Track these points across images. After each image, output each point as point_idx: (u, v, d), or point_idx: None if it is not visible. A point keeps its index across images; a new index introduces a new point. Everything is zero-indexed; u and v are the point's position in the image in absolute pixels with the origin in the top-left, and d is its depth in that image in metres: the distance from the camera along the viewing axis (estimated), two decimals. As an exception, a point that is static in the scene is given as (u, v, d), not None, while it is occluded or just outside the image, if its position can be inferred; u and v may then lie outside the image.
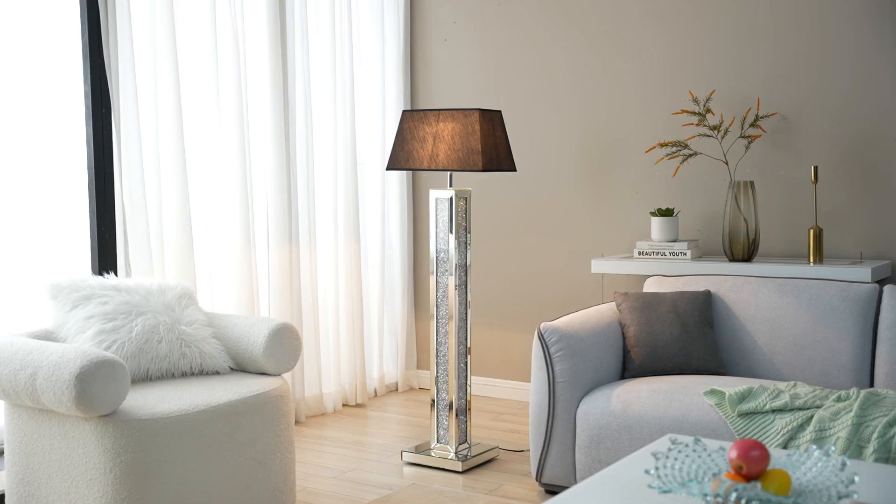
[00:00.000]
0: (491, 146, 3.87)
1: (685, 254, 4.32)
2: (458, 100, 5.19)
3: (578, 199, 4.88)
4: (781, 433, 3.11)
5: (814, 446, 2.05)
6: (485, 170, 3.80)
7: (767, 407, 3.19)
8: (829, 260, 4.16)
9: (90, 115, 3.83)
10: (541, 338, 3.58)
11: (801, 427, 3.12)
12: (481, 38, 5.14)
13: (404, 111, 4.01)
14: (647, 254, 4.40)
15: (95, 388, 2.81)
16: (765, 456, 1.95)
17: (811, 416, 3.13)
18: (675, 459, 2.06)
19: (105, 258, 3.88)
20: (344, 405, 5.00)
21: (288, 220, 4.55)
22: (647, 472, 2.00)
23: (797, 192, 4.31)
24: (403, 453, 4.08)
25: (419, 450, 4.09)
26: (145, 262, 3.93)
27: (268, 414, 3.23)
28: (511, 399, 5.10)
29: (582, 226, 4.88)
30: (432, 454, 4.03)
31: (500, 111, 4.01)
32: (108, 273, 3.77)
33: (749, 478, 1.95)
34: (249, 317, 3.56)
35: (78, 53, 3.86)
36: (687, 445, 2.09)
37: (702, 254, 4.51)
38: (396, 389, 5.38)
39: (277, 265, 4.54)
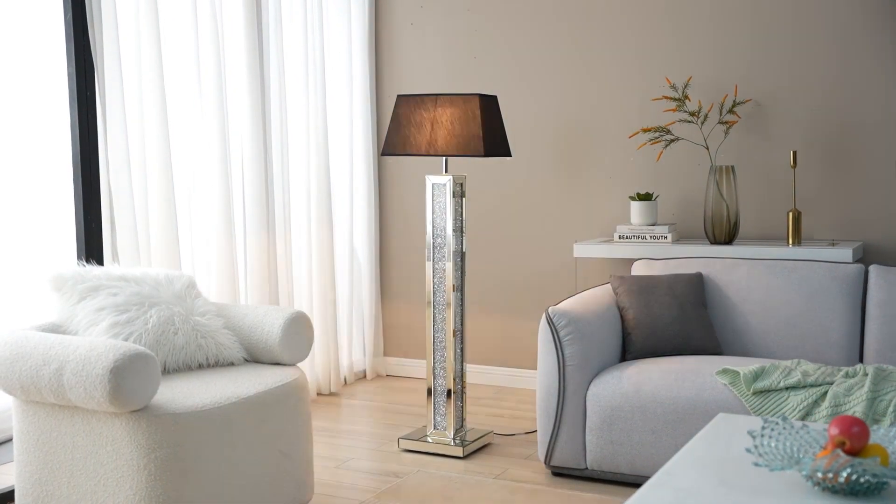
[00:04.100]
0: (490, 131, 3.86)
1: (666, 237, 4.40)
2: (426, 85, 5.15)
3: (555, 185, 4.92)
4: (797, 409, 3.22)
5: (902, 421, 2.12)
6: (487, 155, 3.79)
7: (781, 384, 3.29)
8: (804, 242, 4.30)
9: (75, 99, 3.66)
10: (549, 321, 3.60)
11: (817, 403, 3.23)
12: (449, 22, 5.11)
13: (399, 96, 3.96)
14: (627, 237, 4.48)
15: (129, 381, 2.71)
16: (865, 432, 2.01)
17: (825, 393, 3.24)
18: (770, 438, 2.11)
19: (91, 247, 3.73)
20: (318, 394, 4.94)
21: (265, 208, 4.46)
22: (747, 450, 2.04)
23: (774, 177, 4.44)
24: (400, 440, 4.05)
25: (415, 436, 4.07)
26: (132, 250, 3.80)
27: (290, 405, 3.16)
28: (484, 384, 5.11)
29: (559, 211, 4.91)
30: (429, 440, 4.02)
31: (495, 96, 4.00)
32: (97, 263, 3.63)
33: (851, 453, 2.01)
34: (260, 306, 3.48)
35: (62, 39, 3.69)
36: (778, 423, 2.14)
37: (680, 237, 4.61)
38: (365, 377, 5.33)
39: (255, 254, 4.44)
